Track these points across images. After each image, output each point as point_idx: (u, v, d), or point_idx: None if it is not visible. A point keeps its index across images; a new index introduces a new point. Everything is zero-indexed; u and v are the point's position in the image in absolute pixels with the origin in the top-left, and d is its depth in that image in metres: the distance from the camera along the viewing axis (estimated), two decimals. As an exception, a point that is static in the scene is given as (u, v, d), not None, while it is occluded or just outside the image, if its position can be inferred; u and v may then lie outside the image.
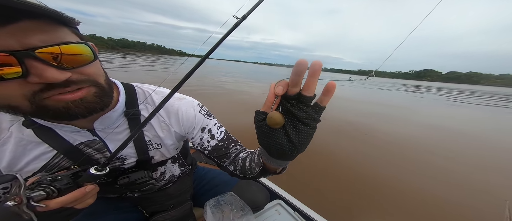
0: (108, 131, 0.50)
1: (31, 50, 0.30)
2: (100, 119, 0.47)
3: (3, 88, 0.30)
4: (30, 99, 0.32)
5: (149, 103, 0.56)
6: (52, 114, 0.35)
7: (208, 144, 0.63)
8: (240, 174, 0.61)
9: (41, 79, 0.31)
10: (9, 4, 0.27)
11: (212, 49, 0.40)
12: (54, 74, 0.31)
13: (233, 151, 0.65)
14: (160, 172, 0.66)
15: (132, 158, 0.56)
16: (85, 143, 0.48)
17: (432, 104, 10.70)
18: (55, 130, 0.45)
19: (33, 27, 0.30)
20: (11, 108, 0.33)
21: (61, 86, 0.33)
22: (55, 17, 0.32)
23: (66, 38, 0.34)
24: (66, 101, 0.35)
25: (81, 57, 0.35)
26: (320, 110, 0.33)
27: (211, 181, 0.91)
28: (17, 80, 0.30)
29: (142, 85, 0.59)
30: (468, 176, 2.53)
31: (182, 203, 0.76)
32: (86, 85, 0.37)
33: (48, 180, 0.36)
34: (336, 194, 1.91)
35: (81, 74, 0.36)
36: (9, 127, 0.43)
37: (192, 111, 0.62)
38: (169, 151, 0.62)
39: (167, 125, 0.59)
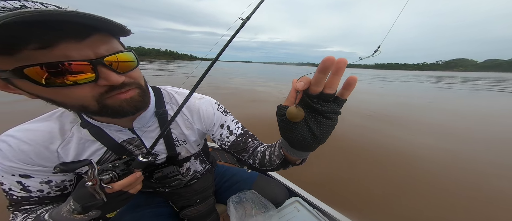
0: (144, 129, 0.57)
1: (101, 59, 0.36)
2: (138, 118, 0.53)
3: (78, 91, 0.36)
4: (97, 100, 0.38)
5: (173, 103, 0.63)
6: (111, 112, 0.41)
7: (227, 140, 0.67)
8: (260, 166, 0.64)
9: (107, 82, 0.37)
10: (90, 22, 0.33)
11: (221, 51, 0.44)
12: (116, 78, 0.37)
13: (251, 146, 0.69)
14: (186, 167, 0.72)
15: (163, 154, 0.62)
16: (127, 140, 0.55)
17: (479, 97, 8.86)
18: (104, 129, 0.52)
19: (100, 39, 0.36)
20: (82, 107, 0.40)
21: (118, 88, 0.39)
22: (118, 30, 0.38)
23: (118, 47, 0.40)
24: (121, 101, 0.41)
25: (129, 63, 0.41)
26: (341, 103, 0.33)
27: (231, 178, 0.95)
28: (89, 84, 0.36)
29: (166, 87, 0.66)
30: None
31: (206, 198, 0.81)
32: (133, 87, 0.43)
33: (109, 167, 0.43)
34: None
35: (129, 78, 0.42)
36: (71, 128, 0.50)
37: (211, 109, 0.67)
38: (193, 147, 0.68)
39: (190, 123, 0.65)
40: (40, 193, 0.51)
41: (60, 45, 0.32)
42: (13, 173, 0.47)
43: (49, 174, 0.51)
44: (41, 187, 0.50)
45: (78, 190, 0.43)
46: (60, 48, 0.32)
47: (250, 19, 0.43)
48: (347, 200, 1.74)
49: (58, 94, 0.37)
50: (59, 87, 0.34)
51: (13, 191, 0.48)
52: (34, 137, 0.47)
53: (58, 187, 0.53)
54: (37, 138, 0.47)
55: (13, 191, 0.48)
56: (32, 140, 0.47)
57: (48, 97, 0.37)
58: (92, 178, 0.39)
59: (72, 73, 0.34)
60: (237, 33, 0.43)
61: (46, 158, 0.48)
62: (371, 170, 2.23)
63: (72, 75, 0.34)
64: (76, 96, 0.37)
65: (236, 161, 1.47)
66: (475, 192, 1.89)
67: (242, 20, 0.41)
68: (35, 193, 0.50)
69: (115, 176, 0.42)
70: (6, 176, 0.47)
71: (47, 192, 0.51)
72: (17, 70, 0.31)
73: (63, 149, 0.50)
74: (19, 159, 0.46)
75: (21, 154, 0.46)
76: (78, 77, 0.34)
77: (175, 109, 0.60)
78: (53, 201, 0.53)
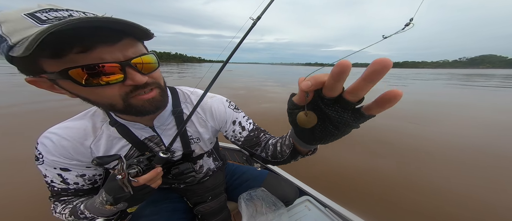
0: (163, 127, 0.60)
1: (129, 61, 0.39)
2: (157, 117, 0.57)
3: (108, 90, 0.40)
4: (123, 99, 0.42)
5: (188, 102, 0.66)
6: (134, 110, 0.45)
7: (240, 135, 0.70)
8: (272, 159, 0.65)
9: (133, 82, 0.40)
10: (121, 27, 0.37)
11: (232, 53, 0.46)
12: (140, 78, 0.41)
13: (263, 140, 0.71)
14: (199, 165, 0.75)
15: (179, 151, 0.66)
16: (148, 138, 0.59)
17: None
18: (129, 127, 0.56)
19: (129, 43, 0.40)
20: (111, 106, 0.43)
21: (142, 88, 0.43)
22: (143, 34, 0.41)
23: (143, 50, 0.43)
24: (144, 101, 0.44)
25: (151, 65, 0.44)
26: (363, 118, 0.27)
27: (241, 176, 0.97)
28: (118, 84, 0.40)
29: (182, 87, 0.70)
30: None
31: (218, 195, 0.84)
32: (154, 87, 0.46)
33: (134, 162, 0.46)
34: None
35: (151, 78, 0.45)
36: (101, 126, 0.55)
37: (222, 106, 0.70)
38: (206, 144, 0.71)
39: (204, 121, 0.68)
40: (76, 185, 0.56)
41: (96, 49, 0.36)
42: (55, 166, 0.52)
43: (84, 168, 0.56)
44: (77, 180, 0.56)
45: (108, 183, 0.47)
46: (96, 51, 0.36)
47: (259, 20, 0.44)
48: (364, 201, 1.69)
49: (93, 93, 0.40)
50: (94, 87, 0.38)
51: (55, 183, 0.54)
52: (72, 133, 0.52)
53: (90, 180, 0.58)
54: (75, 134, 0.52)
55: (54, 183, 0.54)
56: (71, 136, 0.52)
57: (85, 96, 0.41)
58: (121, 172, 0.42)
59: (105, 74, 0.37)
60: (248, 33, 0.44)
61: (81, 153, 0.53)
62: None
63: (105, 76, 0.37)
64: (107, 95, 0.40)
65: (246, 160, 1.49)
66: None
67: (253, 20, 0.42)
68: (72, 185, 0.56)
69: (140, 170, 0.45)
70: (49, 169, 0.52)
71: (81, 184, 0.57)
72: (63, 72, 0.35)
73: (95, 145, 0.54)
74: (60, 153, 0.51)
75: (62, 149, 0.51)
76: (110, 78, 0.38)
77: (190, 108, 0.65)
78: (86, 193, 0.59)
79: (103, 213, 0.51)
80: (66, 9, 0.35)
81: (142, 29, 0.39)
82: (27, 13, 0.32)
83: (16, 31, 0.31)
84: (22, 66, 0.36)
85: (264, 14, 0.44)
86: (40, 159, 0.51)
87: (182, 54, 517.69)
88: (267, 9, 0.42)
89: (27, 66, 0.36)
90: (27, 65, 0.36)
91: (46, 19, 0.33)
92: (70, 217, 0.54)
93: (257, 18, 0.42)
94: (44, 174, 0.53)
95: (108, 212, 0.50)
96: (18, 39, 0.31)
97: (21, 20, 0.32)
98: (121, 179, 0.42)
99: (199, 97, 0.50)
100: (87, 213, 0.51)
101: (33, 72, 0.37)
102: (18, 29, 0.31)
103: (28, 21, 0.32)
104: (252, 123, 0.73)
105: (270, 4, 0.42)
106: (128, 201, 0.49)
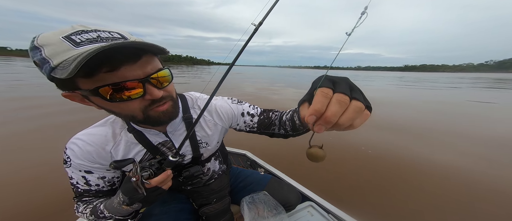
0: (174, 132, 0.65)
1: (148, 77, 0.43)
2: (170, 123, 0.61)
3: (130, 104, 0.44)
4: (143, 111, 0.46)
5: (196, 107, 0.70)
6: (152, 121, 0.49)
7: (252, 123, 0.73)
8: (294, 132, 0.67)
9: (151, 97, 0.44)
10: (142, 47, 0.40)
11: (237, 57, 0.47)
12: (157, 93, 0.45)
13: (274, 118, 0.73)
14: (206, 167, 0.78)
15: (189, 155, 0.69)
16: (161, 143, 0.63)
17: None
18: (145, 134, 0.61)
19: (147, 60, 0.43)
20: (132, 117, 0.48)
21: (158, 101, 0.47)
22: (159, 51, 0.45)
23: (159, 65, 0.47)
24: (159, 113, 0.48)
25: (166, 78, 0.48)
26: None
27: (244, 180, 0.98)
28: (138, 99, 0.44)
29: (190, 93, 0.74)
30: None
31: (223, 198, 0.86)
32: (168, 100, 0.50)
33: (147, 165, 0.49)
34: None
35: (166, 91, 0.49)
36: (120, 132, 0.60)
37: (226, 104, 0.74)
38: (213, 146, 0.74)
39: (212, 122, 0.71)
40: (97, 187, 0.61)
41: (121, 68, 0.40)
42: (80, 169, 0.57)
43: (104, 170, 0.61)
44: (98, 181, 0.60)
45: (124, 184, 0.50)
46: (121, 70, 0.40)
47: (263, 25, 0.45)
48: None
49: (116, 107, 0.45)
50: (119, 102, 0.43)
51: (79, 184, 0.59)
52: (95, 139, 0.57)
53: (109, 182, 0.63)
54: (97, 140, 0.57)
55: (78, 184, 0.59)
56: (94, 142, 0.57)
57: (109, 109, 0.46)
58: (135, 174, 0.45)
59: (127, 90, 0.41)
60: (250, 38, 0.45)
61: (103, 157, 0.58)
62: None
63: (127, 91, 0.42)
64: (128, 108, 0.45)
65: (250, 165, 1.49)
66: None
67: (254, 25, 0.43)
68: (94, 186, 0.60)
69: (152, 173, 0.48)
70: (75, 172, 0.58)
71: (101, 186, 0.61)
72: (94, 90, 0.39)
73: (115, 150, 0.59)
74: (85, 157, 0.56)
75: (87, 154, 0.56)
76: (131, 93, 0.42)
77: (198, 113, 0.68)
78: (105, 195, 0.64)
79: (120, 213, 0.54)
80: (94, 30, 0.40)
81: (158, 48, 0.43)
82: (64, 36, 0.37)
83: (57, 54, 0.36)
84: (60, 84, 0.41)
85: (266, 19, 0.44)
86: (68, 162, 0.56)
87: (192, 57, 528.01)
88: (268, 15, 0.43)
89: (65, 84, 0.41)
90: (65, 84, 0.41)
91: (80, 42, 0.37)
92: (90, 216, 0.58)
93: (258, 23, 0.43)
94: (70, 176, 0.59)
95: (124, 212, 0.54)
96: (59, 61, 0.35)
97: (60, 43, 0.36)
98: (135, 181, 0.45)
99: (205, 102, 0.53)
100: (106, 213, 0.55)
101: (69, 89, 0.42)
102: (58, 52, 0.36)
103: (65, 44, 0.37)
104: (258, 107, 0.76)
105: (270, 10, 0.43)
106: (142, 201, 0.51)
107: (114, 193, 0.61)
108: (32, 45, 0.38)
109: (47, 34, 0.38)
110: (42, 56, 0.36)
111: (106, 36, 0.40)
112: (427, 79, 29.79)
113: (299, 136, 0.70)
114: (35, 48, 0.37)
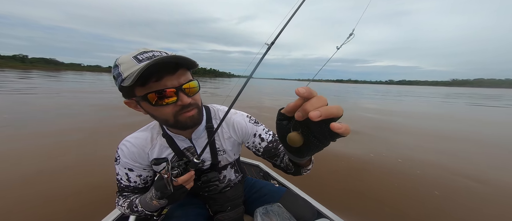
0: (197, 139, 0.72)
1: (181, 86, 0.52)
2: (195, 131, 0.70)
3: (167, 109, 0.53)
4: (174, 115, 0.55)
5: (217, 119, 0.77)
6: (180, 125, 0.57)
7: (260, 146, 0.76)
8: (287, 170, 0.71)
9: (182, 103, 0.53)
10: (180, 61, 0.51)
11: (253, 71, 0.51)
12: (187, 100, 0.53)
13: (281, 151, 0.74)
14: (223, 175, 0.83)
15: (208, 161, 0.75)
16: (186, 148, 0.72)
17: None
18: (174, 139, 0.70)
19: (182, 73, 0.53)
20: (165, 121, 0.57)
21: (186, 107, 0.55)
22: (192, 65, 0.55)
23: (190, 77, 0.56)
24: (186, 118, 0.56)
25: (195, 89, 0.57)
26: (332, 134, 0.30)
27: (259, 190, 0.98)
28: (172, 104, 0.53)
29: (214, 105, 0.81)
30: None
31: (237, 206, 0.88)
32: (194, 107, 0.58)
33: (175, 165, 0.55)
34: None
35: (193, 100, 0.57)
36: (156, 137, 0.70)
37: (243, 122, 0.78)
38: (230, 156, 0.79)
39: (228, 135, 0.77)
40: (134, 183, 0.70)
41: (164, 78, 0.50)
42: (125, 166, 0.68)
43: (141, 169, 0.70)
44: (136, 179, 0.70)
45: (157, 181, 0.58)
46: (164, 80, 0.50)
47: (281, 38, 0.50)
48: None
49: (156, 111, 0.54)
50: (159, 106, 0.52)
51: (122, 180, 0.69)
52: (138, 142, 0.68)
53: (144, 181, 0.72)
54: (140, 143, 0.69)
55: (122, 180, 0.69)
56: (138, 144, 0.68)
57: (151, 113, 0.56)
58: (167, 172, 0.51)
59: (166, 97, 0.51)
60: (264, 56, 0.50)
61: (142, 157, 0.69)
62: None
63: (166, 98, 0.51)
64: (165, 112, 0.54)
65: (263, 176, 1.48)
66: None
67: (267, 45, 0.48)
68: (132, 183, 0.70)
69: (179, 172, 0.54)
70: (121, 169, 0.68)
71: (138, 183, 0.71)
72: (144, 96, 0.50)
73: (151, 152, 0.69)
74: (130, 157, 0.67)
75: (131, 154, 0.67)
76: (169, 100, 0.52)
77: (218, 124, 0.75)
78: (140, 191, 0.72)
79: (149, 207, 0.62)
80: (151, 50, 0.52)
81: (192, 61, 0.53)
82: (132, 56, 0.49)
83: (126, 69, 0.48)
84: (125, 92, 0.53)
85: (279, 37, 0.49)
86: (118, 160, 0.68)
87: (215, 70, 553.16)
88: (280, 34, 0.47)
89: (128, 92, 0.53)
90: (128, 91, 0.52)
91: (141, 59, 0.49)
92: (127, 210, 0.67)
93: (271, 43, 0.47)
94: (117, 172, 0.69)
95: (153, 207, 0.61)
96: (127, 74, 0.48)
97: (129, 62, 0.49)
98: (166, 178, 0.52)
99: (227, 117, 0.61)
100: (139, 207, 0.64)
101: (129, 96, 0.54)
102: (127, 68, 0.48)
103: (132, 62, 0.48)
104: (272, 134, 0.77)
105: (282, 30, 0.47)
106: (169, 198, 0.58)
107: (147, 191, 0.70)
108: (114, 64, 0.51)
109: (123, 56, 0.51)
110: (118, 71, 0.49)
111: (158, 54, 0.51)
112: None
113: (299, 175, 0.69)
114: (115, 66, 0.51)
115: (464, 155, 3.06)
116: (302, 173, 0.65)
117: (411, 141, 3.76)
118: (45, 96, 7.65)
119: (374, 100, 13.30)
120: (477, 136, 4.31)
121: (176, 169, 0.54)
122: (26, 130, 3.43)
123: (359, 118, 6.10)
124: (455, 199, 1.94)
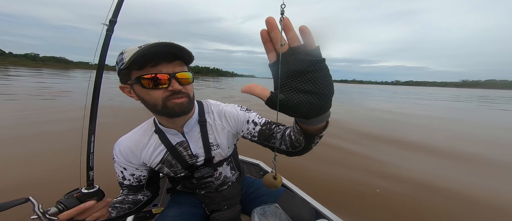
0: (190, 133, 0.73)
1: (175, 74, 0.56)
2: (186, 123, 0.71)
3: (157, 92, 0.56)
4: (163, 100, 0.57)
5: (210, 112, 0.79)
6: (167, 111, 0.59)
7: (254, 131, 0.73)
8: (292, 149, 0.62)
9: (173, 89, 0.56)
10: (177, 52, 0.55)
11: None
12: (177, 86, 0.57)
13: (277, 131, 0.68)
14: (218, 172, 0.82)
15: (202, 156, 0.75)
16: (179, 143, 0.72)
17: None
18: (166, 134, 0.71)
19: (178, 63, 0.58)
20: (154, 105, 0.58)
21: (176, 93, 0.57)
22: (189, 58, 0.59)
23: (184, 68, 0.60)
24: (174, 104, 0.58)
25: (188, 80, 0.60)
26: (316, 51, 0.33)
27: (256, 190, 0.98)
28: (162, 89, 0.56)
29: (208, 100, 0.83)
30: None
31: (233, 205, 0.88)
32: (184, 96, 0.60)
33: (62, 199, 0.52)
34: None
35: (185, 89, 0.60)
36: (150, 136, 0.73)
37: (235, 110, 0.78)
38: (224, 150, 0.79)
39: (221, 126, 0.78)
40: (128, 181, 0.74)
41: (160, 65, 0.54)
42: (120, 165, 0.72)
43: (134, 169, 0.73)
44: (129, 177, 0.73)
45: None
46: (160, 66, 0.54)
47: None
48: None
49: (147, 95, 0.57)
50: (150, 89, 0.55)
51: (119, 177, 0.74)
52: (131, 142, 0.71)
53: (137, 180, 0.74)
54: (132, 143, 0.71)
55: (118, 177, 0.74)
56: (130, 144, 0.71)
57: (142, 97, 0.58)
58: (36, 211, 0.45)
59: (159, 81, 0.54)
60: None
61: (134, 157, 0.71)
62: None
63: (159, 82, 0.54)
64: (155, 96, 0.56)
65: (263, 175, 1.48)
66: None
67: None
68: (126, 181, 0.74)
69: (62, 208, 0.50)
70: (117, 167, 0.73)
71: (131, 182, 0.74)
72: (139, 78, 0.53)
73: (145, 151, 0.72)
74: (123, 156, 0.71)
75: (125, 154, 0.70)
76: (162, 83, 0.55)
77: (212, 118, 0.78)
78: (134, 189, 0.76)
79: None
80: (155, 41, 0.55)
81: (188, 52, 0.57)
82: (138, 46, 0.53)
83: (129, 55, 0.51)
84: (123, 75, 0.57)
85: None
86: (115, 159, 0.72)
87: (219, 69, 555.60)
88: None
89: (125, 75, 0.56)
90: (125, 75, 0.56)
91: (143, 46, 0.52)
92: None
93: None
94: (115, 169, 0.74)
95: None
96: (127, 58, 0.51)
97: (134, 49, 0.52)
98: (36, 219, 0.44)
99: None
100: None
101: (125, 80, 0.57)
102: (130, 54, 0.51)
103: (136, 49, 0.51)
104: (265, 118, 0.75)
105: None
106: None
107: (142, 189, 0.77)
108: (120, 52, 0.56)
109: (131, 47, 0.56)
110: (121, 57, 0.54)
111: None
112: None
113: (301, 155, 0.63)
114: (121, 53, 0.56)
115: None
116: (315, 142, 0.55)
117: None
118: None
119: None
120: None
121: (60, 205, 0.50)
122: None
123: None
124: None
